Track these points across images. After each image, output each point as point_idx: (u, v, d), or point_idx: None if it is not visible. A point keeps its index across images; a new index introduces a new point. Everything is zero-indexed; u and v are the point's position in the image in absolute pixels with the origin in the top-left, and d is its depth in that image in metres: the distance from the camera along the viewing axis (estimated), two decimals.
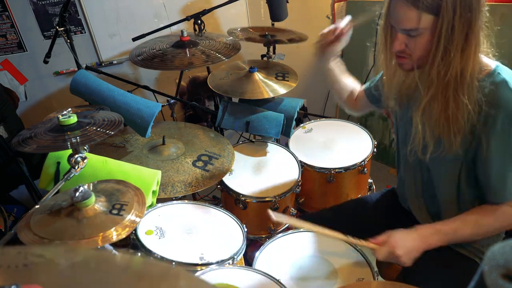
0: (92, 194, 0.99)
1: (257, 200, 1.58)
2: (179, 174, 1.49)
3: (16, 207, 2.02)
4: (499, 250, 0.47)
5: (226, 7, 2.10)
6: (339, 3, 2.74)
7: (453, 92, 1.04)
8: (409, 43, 1.06)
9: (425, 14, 0.98)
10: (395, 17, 1.05)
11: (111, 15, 2.23)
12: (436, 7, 0.96)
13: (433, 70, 1.03)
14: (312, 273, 1.25)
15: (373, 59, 2.65)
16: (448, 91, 1.04)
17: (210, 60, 1.77)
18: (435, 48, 1.01)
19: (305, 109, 2.65)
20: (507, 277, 0.44)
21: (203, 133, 1.78)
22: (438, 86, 1.05)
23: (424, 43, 1.03)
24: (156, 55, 1.84)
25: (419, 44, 1.04)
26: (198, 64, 1.78)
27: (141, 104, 1.52)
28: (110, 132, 1.07)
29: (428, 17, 0.99)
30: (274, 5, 1.99)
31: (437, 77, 1.03)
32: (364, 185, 1.89)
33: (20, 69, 2.18)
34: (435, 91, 1.06)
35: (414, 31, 1.02)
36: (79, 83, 1.56)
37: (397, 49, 1.08)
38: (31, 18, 2.08)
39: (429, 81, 1.06)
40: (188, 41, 1.90)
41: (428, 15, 0.98)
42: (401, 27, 1.04)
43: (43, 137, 1.04)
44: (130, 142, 1.65)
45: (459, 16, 0.96)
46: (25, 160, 1.65)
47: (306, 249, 1.32)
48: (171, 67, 1.77)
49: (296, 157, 1.76)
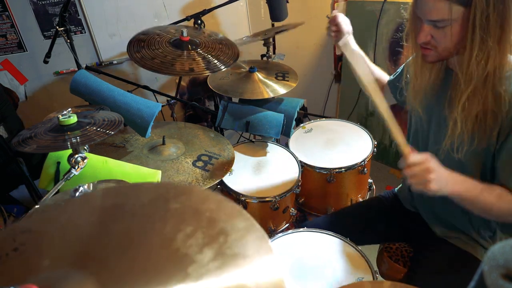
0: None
1: (257, 200, 1.58)
2: (179, 174, 1.49)
3: (16, 207, 2.02)
4: (499, 250, 0.47)
5: (226, 7, 2.11)
6: (339, 3, 2.74)
7: (492, 85, 1.04)
8: (435, 35, 1.06)
9: (454, 5, 0.98)
10: (422, 8, 1.04)
11: (111, 15, 2.23)
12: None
13: (472, 62, 1.02)
14: (312, 273, 1.24)
15: (373, 59, 2.65)
16: (487, 84, 1.04)
17: (210, 68, 1.76)
18: (471, 38, 1.00)
19: (305, 109, 2.65)
20: (507, 277, 0.44)
21: (203, 133, 1.78)
22: (478, 79, 1.04)
23: (451, 34, 1.03)
24: (156, 54, 1.83)
25: (446, 35, 1.04)
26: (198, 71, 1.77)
27: (141, 104, 1.52)
28: (110, 132, 1.07)
29: (458, 8, 0.98)
30: (274, 5, 1.99)
31: (477, 69, 1.03)
32: (364, 185, 1.89)
33: (20, 69, 2.18)
34: (476, 84, 1.04)
35: (442, 22, 1.02)
36: (79, 83, 1.56)
37: (423, 40, 1.08)
38: (31, 18, 2.08)
39: (469, 74, 1.04)
40: (188, 41, 1.90)
41: (458, 6, 0.98)
42: (429, 18, 1.03)
43: (43, 137, 1.04)
44: (130, 142, 1.65)
45: (492, 6, 0.96)
46: (25, 160, 1.65)
47: (306, 249, 1.32)
48: (172, 71, 1.77)
49: (296, 157, 1.76)
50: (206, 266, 0.45)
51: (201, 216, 0.51)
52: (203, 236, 0.48)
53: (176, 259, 0.46)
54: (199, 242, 0.47)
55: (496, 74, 1.03)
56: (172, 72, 1.72)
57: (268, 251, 0.47)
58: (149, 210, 0.53)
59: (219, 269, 0.45)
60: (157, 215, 0.51)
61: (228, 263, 0.45)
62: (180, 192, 0.55)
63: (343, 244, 1.34)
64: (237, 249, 0.47)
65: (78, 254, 0.48)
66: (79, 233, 0.51)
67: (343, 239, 1.35)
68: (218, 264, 0.45)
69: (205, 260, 0.45)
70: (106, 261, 0.47)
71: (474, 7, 0.96)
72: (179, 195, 0.54)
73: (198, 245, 0.47)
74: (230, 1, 2.06)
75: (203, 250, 0.46)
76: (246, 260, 0.46)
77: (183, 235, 0.48)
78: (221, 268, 0.45)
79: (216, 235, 0.48)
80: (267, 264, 0.46)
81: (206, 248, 0.46)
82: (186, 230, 0.49)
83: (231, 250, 0.46)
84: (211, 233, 0.48)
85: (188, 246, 0.47)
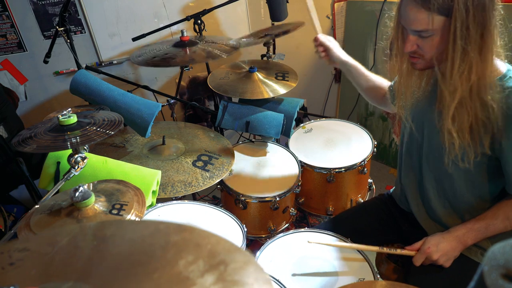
0: (92, 194, 0.98)
1: (257, 200, 1.58)
2: (179, 174, 1.49)
3: (16, 207, 2.02)
4: (499, 250, 0.46)
5: (226, 7, 2.10)
6: (339, 3, 2.74)
7: (477, 93, 1.04)
8: (421, 44, 1.06)
9: (436, 15, 0.98)
10: (406, 19, 1.05)
11: (111, 15, 2.23)
12: (447, 8, 0.96)
13: (454, 73, 1.03)
14: (312, 273, 1.24)
15: (373, 59, 2.65)
16: (473, 93, 1.04)
17: (210, 56, 1.77)
18: (452, 49, 1.00)
19: (305, 109, 2.66)
20: (507, 277, 0.44)
21: (203, 133, 1.78)
22: (463, 89, 1.04)
23: (436, 44, 1.03)
24: (157, 55, 1.84)
25: (431, 45, 1.04)
26: (198, 60, 1.78)
27: (141, 104, 1.52)
28: (110, 132, 1.07)
29: (439, 18, 0.99)
30: (274, 5, 1.99)
31: (459, 79, 1.03)
32: (364, 185, 1.88)
33: (20, 69, 2.18)
34: (461, 94, 1.04)
35: (425, 32, 1.02)
36: (79, 83, 1.56)
37: (409, 50, 1.09)
38: (31, 18, 2.08)
39: (453, 85, 1.04)
40: (188, 41, 1.90)
41: (439, 16, 0.98)
42: (412, 28, 1.04)
43: (43, 137, 1.03)
44: (130, 142, 1.65)
45: (472, 16, 0.95)
46: (25, 160, 1.65)
47: (307, 249, 1.32)
48: (172, 63, 1.77)
49: (296, 157, 1.76)
50: None
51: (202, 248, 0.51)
52: (204, 264, 0.49)
53: (178, 281, 0.46)
54: (200, 268, 0.48)
55: (480, 83, 1.03)
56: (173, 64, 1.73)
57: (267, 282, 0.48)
58: (150, 240, 0.53)
59: None
60: (157, 244, 0.52)
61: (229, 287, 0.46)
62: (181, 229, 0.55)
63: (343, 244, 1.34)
64: (237, 277, 0.47)
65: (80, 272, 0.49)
66: (80, 254, 0.52)
67: (343, 239, 1.35)
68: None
69: (207, 284, 0.46)
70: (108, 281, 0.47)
71: (454, 18, 0.96)
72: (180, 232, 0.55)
73: (199, 271, 0.48)
74: (230, 1, 2.06)
75: (204, 275, 0.47)
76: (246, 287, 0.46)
77: (184, 262, 0.49)
78: None
79: (216, 265, 0.49)
80: None
81: (207, 274, 0.47)
82: (187, 258, 0.49)
83: (231, 277, 0.47)
84: (212, 262, 0.49)
85: (189, 271, 0.47)
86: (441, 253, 1.17)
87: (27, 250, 0.52)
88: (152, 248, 0.51)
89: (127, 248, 0.52)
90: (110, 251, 0.51)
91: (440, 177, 1.25)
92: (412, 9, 1.01)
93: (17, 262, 0.49)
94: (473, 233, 1.17)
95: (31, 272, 0.49)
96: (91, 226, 0.60)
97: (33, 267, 0.49)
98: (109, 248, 0.52)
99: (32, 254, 0.52)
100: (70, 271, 0.49)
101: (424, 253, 1.19)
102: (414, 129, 1.28)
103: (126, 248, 0.52)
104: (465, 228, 1.18)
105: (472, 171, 1.16)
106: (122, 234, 0.55)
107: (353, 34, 2.77)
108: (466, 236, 1.17)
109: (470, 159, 1.12)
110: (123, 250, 0.52)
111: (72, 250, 0.53)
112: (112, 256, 0.51)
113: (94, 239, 0.54)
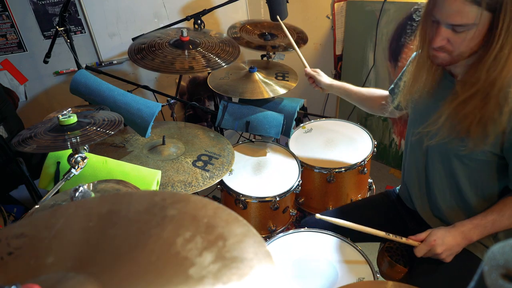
0: (92, 194, 0.98)
1: (257, 200, 1.58)
2: (179, 174, 1.49)
3: (16, 207, 2.02)
4: (499, 250, 0.46)
5: (226, 7, 2.11)
6: (339, 3, 2.74)
7: (497, 91, 1.02)
8: (453, 39, 1.03)
9: (483, 10, 0.96)
10: (445, 11, 1.00)
11: (111, 15, 2.23)
12: (494, 5, 0.94)
13: (483, 68, 1.01)
14: (312, 273, 1.24)
15: (373, 59, 2.65)
16: (492, 90, 1.02)
17: (210, 66, 1.77)
18: (491, 46, 0.98)
19: (305, 109, 2.65)
20: (507, 277, 0.44)
21: (203, 133, 1.78)
22: (482, 85, 1.03)
23: (470, 39, 1.01)
24: (156, 55, 1.84)
25: (465, 40, 1.01)
26: (198, 69, 1.78)
27: (141, 104, 1.52)
28: (110, 132, 1.07)
29: (484, 14, 0.96)
30: (274, 5, 1.99)
31: (486, 75, 1.01)
32: (364, 185, 1.89)
33: (20, 69, 2.18)
34: (478, 88, 1.03)
35: (464, 26, 0.99)
36: (79, 83, 1.56)
37: (439, 44, 1.05)
38: (31, 18, 2.08)
39: (475, 78, 1.03)
40: (187, 41, 1.90)
41: (485, 12, 0.96)
42: (451, 21, 1.00)
43: (43, 137, 1.04)
44: (130, 142, 1.65)
45: None
46: (25, 160, 1.65)
47: (306, 249, 1.32)
48: (171, 70, 1.77)
49: (296, 157, 1.76)
50: (206, 268, 0.45)
51: (199, 222, 0.51)
52: (202, 241, 0.48)
53: (177, 262, 0.46)
54: (198, 246, 0.47)
55: (504, 82, 1.01)
56: (171, 71, 1.73)
57: (267, 255, 0.47)
58: (146, 217, 0.53)
59: (220, 271, 0.45)
60: (154, 221, 0.51)
61: (228, 265, 0.45)
62: (177, 199, 0.55)
63: (343, 244, 1.34)
64: (236, 253, 0.47)
65: (77, 257, 0.48)
66: (76, 238, 0.51)
67: (343, 239, 1.35)
68: (218, 267, 0.45)
69: (205, 262, 0.45)
70: (106, 264, 0.47)
71: (503, 14, 0.94)
72: (175, 203, 0.54)
73: (197, 249, 0.47)
74: (230, 1, 2.06)
75: (202, 253, 0.47)
76: (246, 263, 0.46)
77: (182, 240, 0.48)
78: (222, 270, 0.45)
79: (214, 240, 0.48)
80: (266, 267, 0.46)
81: (205, 252, 0.47)
82: (185, 235, 0.49)
83: (230, 253, 0.47)
84: (210, 238, 0.49)
85: (187, 250, 0.47)
86: (445, 247, 1.16)
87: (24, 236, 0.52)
88: (148, 226, 0.51)
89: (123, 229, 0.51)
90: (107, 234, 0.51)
91: (444, 174, 1.25)
92: (455, 2, 0.97)
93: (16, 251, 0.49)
94: (479, 229, 1.16)
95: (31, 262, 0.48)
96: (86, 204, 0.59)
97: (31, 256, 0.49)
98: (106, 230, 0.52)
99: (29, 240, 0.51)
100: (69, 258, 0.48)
101: (429, 245, 1.17)
102: (419, 125, 1.28)
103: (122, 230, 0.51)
104: (471, 224, 1.17)
105: (476, 169, 1.16)
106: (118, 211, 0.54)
107: (353, 34, 2.77)
108: (472, 232, 1.16)
109: (475, 157, 1.12)
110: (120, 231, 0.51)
111: (69, 233, 0.52)
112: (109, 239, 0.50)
113: (90, 219, 0.54)
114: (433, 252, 1.17)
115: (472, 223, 1.17)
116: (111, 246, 0.49)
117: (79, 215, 0.55)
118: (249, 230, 0.50)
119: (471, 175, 1.19)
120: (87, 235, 0.51)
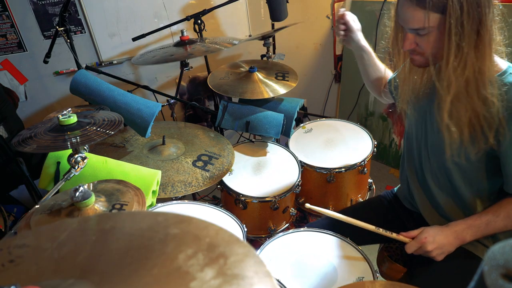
0: (92, 194, 0.99)
1: (257, 200, 1.58)
2: (179, 174, 1.49)
3: (16, 207, 2.02)
4: (499, 250, 0.46)
5: (226, 7, 2.11)
6: (339, 3, 2.74)
7: (475, 88, 1.04)
8: (419, 42, 1.08)
9: (431, 13, 0.99)
10: (403, 18, 1.07)
11: (111, 15, 2.23)
12: (442, 6, 0.98)
13: (448, 68, 1.04)
14: (312, 272, 1.24)
15: None
16: (470, 88, 1.04)
17: (209, 50, 1.77)
18: (447, 45, 1.02)
19: (305, 109, 2.66)
20: (507, 277, 0.44)
21: (203, 133, 1.78)
22: (458, 84, 1.05)
23: (434, 41, 1.05)
24: (157, 54, 1.84)
25: (429, 42, 1.06)
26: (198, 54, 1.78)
27: (141, 104, 1.52)
28: (110, 132, 1.07)
29: (435, 16, 1.00)
30: (274, 5, 1.99)
31: (454, 75, 1.04)
32: (364, 185, 1.89)
33: (20, 69, 2.18)
34: (456, 89, 1.05)
35: (422, 30, 1.04)
36: (79, 83, 1.56)
37: (408, 48, 1.11)
38: (31, 18, 2.08)
39: (447, 80, 1.06)
40: (188, 40, 1.90)
41: (435, 14, 0.99)
42: (409, 26, 1.06)
43: (43, 137, 1.04)
44: (130, 142, 1.65)
45: (467, 12, 0.96)
46: (25, 160, 1.65)
47: (306, 248, 1.32)
48: (171, 59, 1.77)
49: (296, 157, 1.76)
50: (208, 283, 0.45)
51: (201, 241, 0.51)
52: (204, 258, 0.49)
53: (178, 275, 0.46)
54: (200, 262, 0.48)
55: (478, 79, 1.03)
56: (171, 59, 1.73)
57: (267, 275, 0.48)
58: (148, 234, 0.53)
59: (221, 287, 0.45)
60: (156, 237, 0.52)
61: (229, 281, 0.46)
62: (179, 220, 0.55)
63: (343, 243, 1.34)
64: (237, 270, 0.47)
65: (79, 268, 0.49)
66: (78, 250, 0.52)
67: (343, 238, 1.35)
68: (219, 282, 0.46)
69: (207, 277, 0.46)
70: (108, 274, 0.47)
71: (448, 14, 0.97)
72: (178, 223, 0.55)
73: (199, 264, 0.48)
74: (230, 1, 2.06)
75: (204, 269, 0.47)
76: (246, 281, 0.46)
77: (184, 256, 0.49)
78: (223, 286, 0.45)
79: (216, 258, 0.49)
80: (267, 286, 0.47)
81: (207, 268, 0.47)
82: (187, 252, 0.50)
83: (231, 271, 0.47)
84: (211, 255, 0.49)
85: (189, 265, 0.48)
86: (436, 246, 1.15)
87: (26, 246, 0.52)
88: (151, 242, 0.52)
89: (126, 243, 0.52)
90: (109, 247, 0.51)
91: (440, 172, 1.26)
92: (408, 8, 1.03)
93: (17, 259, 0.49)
94: (472, 230, 1.15)
95: (32, 269, 0.49)
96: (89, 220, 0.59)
97: (33, 264, 0.49)
98: (108, 243, 0.52)
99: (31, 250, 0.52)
100: (70, 267, 0.49)
101: (419, 242, 1.17)
102: (416, 125, 1.29)
103: (125, 243, 0.52)
104: (465, 224, 1.17)
105: (469, 168, 1.16)
106: (120, 227, 0.55)
107: None
108: (465, 232, 1.16)
109: (470, 155, 1.12)
110: (122, 245, 0.52)
111: (72, 245, 0.53)
112: (111, 252, 0.51)
113: (92, 234, 0.54)
114: (424, 250, 1.17)
115: (466, 223, 1.17)
116: (113, 258, 0.50)
117: (82, 229, 0.56)
118: (250, 251, 0.50)
119: (463, 174, 1.20)
120: (89, 247, 0.52)
